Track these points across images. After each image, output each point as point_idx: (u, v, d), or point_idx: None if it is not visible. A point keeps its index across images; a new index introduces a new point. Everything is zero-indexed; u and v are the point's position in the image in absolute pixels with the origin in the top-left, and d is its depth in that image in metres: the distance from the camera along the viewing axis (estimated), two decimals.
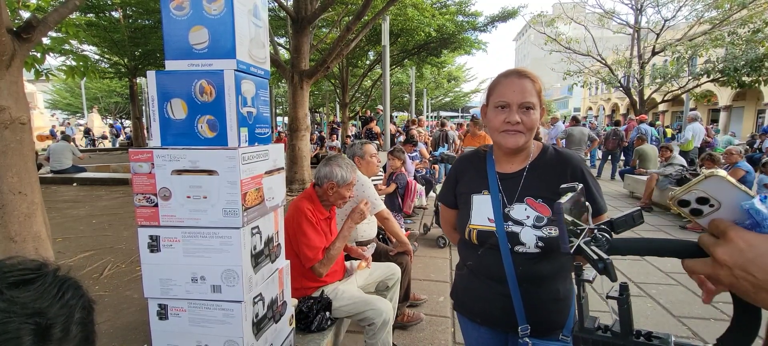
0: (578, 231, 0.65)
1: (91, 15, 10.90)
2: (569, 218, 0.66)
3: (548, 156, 1.18)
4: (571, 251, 0.62)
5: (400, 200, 4.73)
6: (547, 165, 1.16)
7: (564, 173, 1.14)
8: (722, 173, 0.51)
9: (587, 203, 0.74)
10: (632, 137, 9.44)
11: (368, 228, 2.91)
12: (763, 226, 0.48)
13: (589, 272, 0.67)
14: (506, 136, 1.11)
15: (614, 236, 0.63)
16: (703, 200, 0.52)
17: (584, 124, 13.34)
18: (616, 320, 0.62)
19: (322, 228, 2.12)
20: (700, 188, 0.51)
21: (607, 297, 0.62)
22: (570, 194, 0.70)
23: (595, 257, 0.58)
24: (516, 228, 1.11)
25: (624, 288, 0.61)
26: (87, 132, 21.05)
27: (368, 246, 2.71)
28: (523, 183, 1.15)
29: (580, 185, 0.73)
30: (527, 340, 1.13)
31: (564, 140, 8.81)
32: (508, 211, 1.14)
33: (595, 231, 0.63)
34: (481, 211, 1.18)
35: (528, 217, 1.11)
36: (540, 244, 1.09)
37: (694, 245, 0.55)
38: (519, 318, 1.13)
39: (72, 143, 9.27)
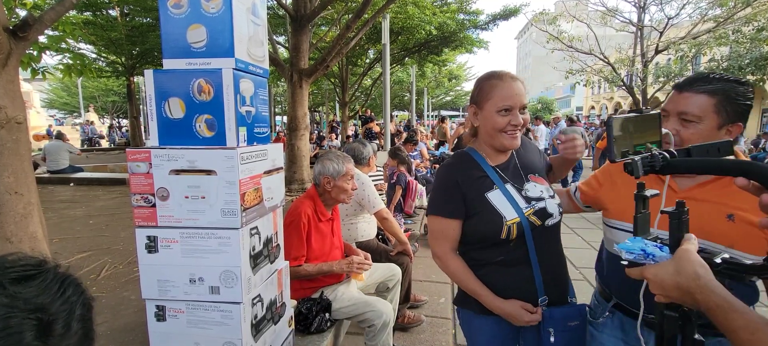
0: (635, 149, 0.74)
1: (88, 13, 10.87)
2: (620, 133, 0.75)
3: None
4: (617, 159, 0.73)
5: (401, 199, 4.71)
6: (523, 148, 1.30)
7: (535, 150, 1.34)
8: None
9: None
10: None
11: (368, 227, 2.88)
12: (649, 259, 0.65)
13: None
14: (510, 137, 1.17)
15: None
16: None
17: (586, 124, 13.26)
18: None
19: (321, 230, 2.11)
20: None
21: (661, 212, 0.71)
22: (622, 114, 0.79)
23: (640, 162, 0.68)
24: (541, 204, 1.19)
25: (680, 204, 0.67)
26: (91, 141, 20.76)
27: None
28: (518, 166, 1.26)
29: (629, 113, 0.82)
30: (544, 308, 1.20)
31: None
32: (525, 193, 1.21)
33: (654, 150, 0.71)
34: (506, 205, 1.17)
35: (541, 191, 1.21)
36: (560, 210, 1.21)
37: (744, 163, 0.60)
38: (539, 291, 1.19)
39: (67, 142, 9.17)
